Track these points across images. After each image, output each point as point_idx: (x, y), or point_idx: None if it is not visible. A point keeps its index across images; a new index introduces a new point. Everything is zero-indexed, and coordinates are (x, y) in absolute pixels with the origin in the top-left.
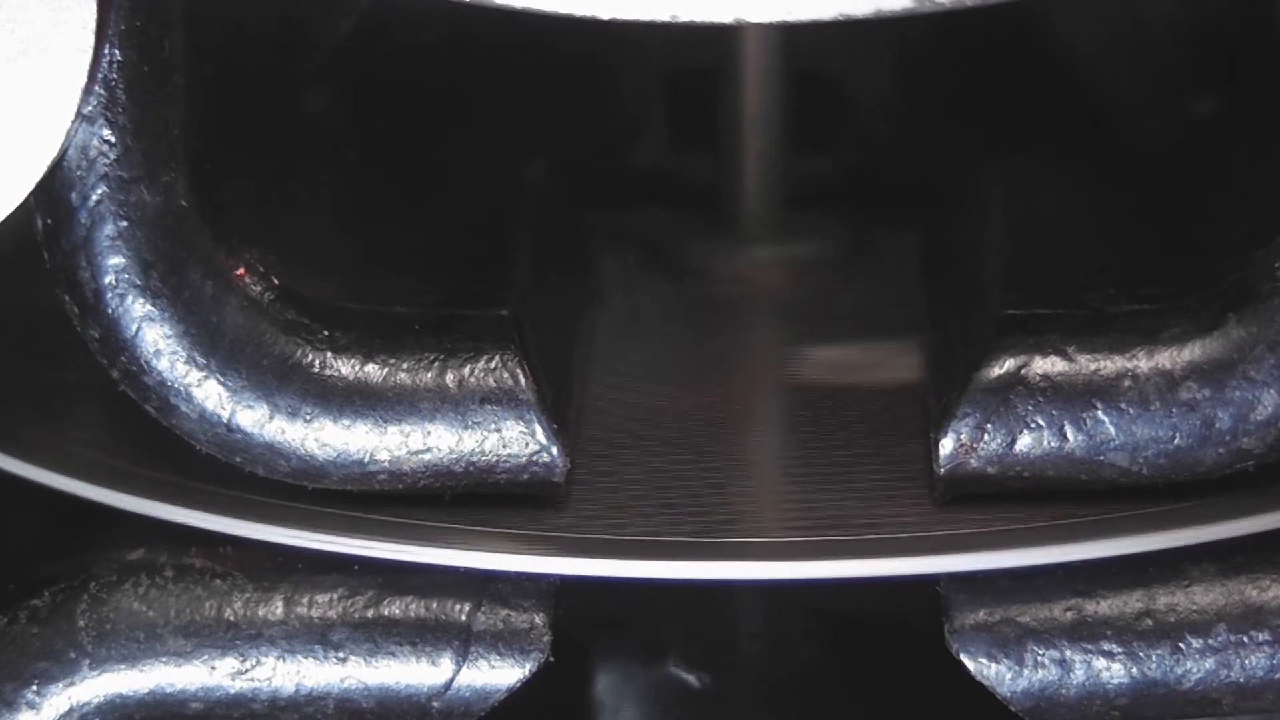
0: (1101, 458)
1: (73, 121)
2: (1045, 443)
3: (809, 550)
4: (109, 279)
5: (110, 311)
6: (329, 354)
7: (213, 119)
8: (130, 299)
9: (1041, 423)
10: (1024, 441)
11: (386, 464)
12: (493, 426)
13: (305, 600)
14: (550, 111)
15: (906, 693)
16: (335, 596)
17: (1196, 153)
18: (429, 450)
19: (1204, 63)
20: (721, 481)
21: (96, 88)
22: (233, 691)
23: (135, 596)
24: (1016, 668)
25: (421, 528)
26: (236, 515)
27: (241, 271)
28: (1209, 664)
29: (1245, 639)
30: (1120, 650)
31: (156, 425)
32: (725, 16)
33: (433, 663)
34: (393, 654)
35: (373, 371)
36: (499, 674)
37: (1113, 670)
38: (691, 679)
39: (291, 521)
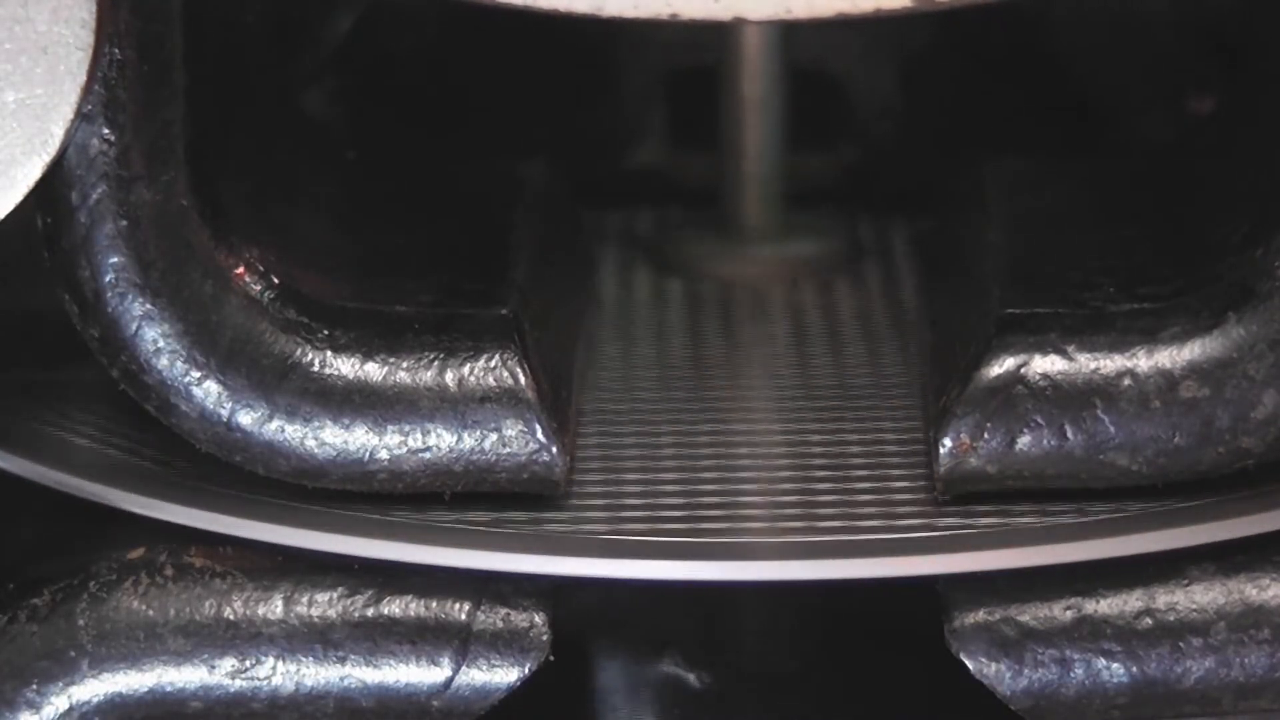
0: (1101, 457)
1: (72, 121)
2: (1045, 442)
3: (809, 550)
4: (109, 278)
5: (110, 310)
6: (329, 353)
7: (213, 119)
8: (130, 298)
9: (1041, 422)
10: (1024, 441)
11: (386, 463)
12: (492, 426)
13: (305, 600)
14: (550, 111)
15: (907, 693)
16: (335, 596)
17: (1196, 153)
18: (429, 449)
19: (1203, 62)
20: (721, 481)
21: (96, 87)
22: (232, 691)
23: (135, 596)
24: (1016, 667)
25: (421, 528)
26: (236, 515)
27: (241, 271)
28: (1209, 663)
29: (1245, 638)
30: (1120, 649)
31: (156, 424)
32: (725, 15)
33: (432, 662)
34: (392, 653)
35: (372, 371)
36: (499, 673)
37: (1113, 669)
38: (691, 679)
39: (291, 521)
